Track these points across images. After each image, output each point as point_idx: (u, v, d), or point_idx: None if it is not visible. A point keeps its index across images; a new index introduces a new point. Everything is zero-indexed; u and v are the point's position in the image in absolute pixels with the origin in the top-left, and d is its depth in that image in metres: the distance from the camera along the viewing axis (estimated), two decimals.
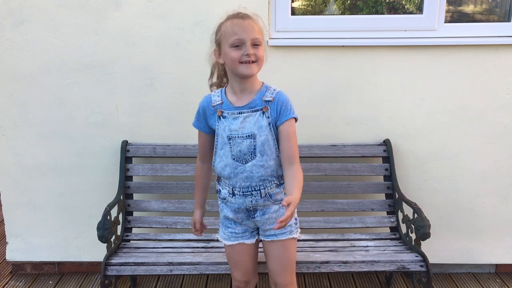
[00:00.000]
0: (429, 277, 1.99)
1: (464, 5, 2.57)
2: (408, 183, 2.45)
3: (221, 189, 1.69)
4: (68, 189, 2.47)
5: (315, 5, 2.80)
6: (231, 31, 1.49)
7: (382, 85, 2.35)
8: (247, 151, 1.57)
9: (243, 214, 1.67)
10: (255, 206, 1.64)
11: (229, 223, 1.71)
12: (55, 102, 2.36)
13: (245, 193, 1.62)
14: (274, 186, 1.63)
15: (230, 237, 1.72)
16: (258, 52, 1.51)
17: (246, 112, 1.57)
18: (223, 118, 1.59)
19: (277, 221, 1.42)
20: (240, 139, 1.57)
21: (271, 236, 1.67)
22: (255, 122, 1.56)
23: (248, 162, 1.58)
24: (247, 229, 1.70)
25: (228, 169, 1.61)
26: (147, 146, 2.38)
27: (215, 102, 1.62)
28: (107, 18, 2.26)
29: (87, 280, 2.56)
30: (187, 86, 2.34)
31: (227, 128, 1.58)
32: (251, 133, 1.56)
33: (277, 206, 1.64)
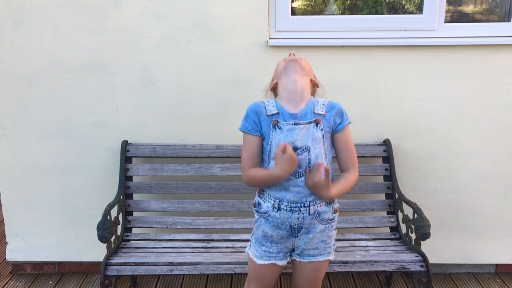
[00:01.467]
0: (429, 277, 1.99)
1: (464, 5, 2.57)
2: (408, 183, 2.45)
3: (262, 202, 1.60)
4: (68, 189, 2.47)
5: (315, 5, 2.80)
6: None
7: (382, 85, 2.35)
8: (301, 164, 1.52)
9: (284, 232, 1.58)
10: (300, 223, 1.56)
11: (265, 241, 1.61)
12: (55, 102, 2.36)
13: (292, 209, 1.54)
14: (324, 205, 1.57)
15: (262, 256, 1.62)
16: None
17: (301, 124, 1.54)
18: (279, 128, 1.55)
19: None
20: (296, 152, 1.52)
21: (308, 257, 1.61)
22: (310, 134, 1.53)
23: (301, 176, 1.53)
24: (282, 249, 1.62)
25: (281, 180, 1.53)
26: (147, 146, 2.38)
27: (270, 112, 1.56)
28: (107, 18, 2.26)
29: (87, 280, 2.56)
30: (187, 86, 2.34)
31: (282, 140, 1.52)
32: (306, 146, 1.53)
33: (323, 226, 1.58)
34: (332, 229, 1.62)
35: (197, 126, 2.40)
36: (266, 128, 1.56)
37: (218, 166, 2.36)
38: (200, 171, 2.36)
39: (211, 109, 2.36)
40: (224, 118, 2.38)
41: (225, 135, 2.37)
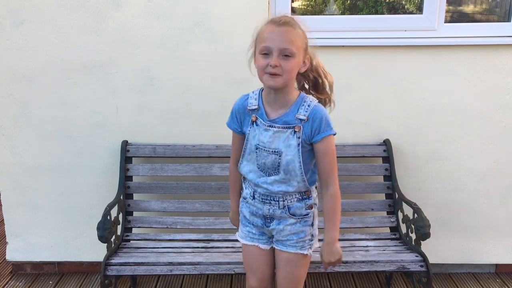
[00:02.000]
0: (429, 277, 1.99)
1: (464, 5, 2.57)
2: (408, 183, 2.45)
3: (244, 188, 1.66)
4: (68, 189, 2.47)
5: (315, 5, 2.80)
6: (262, 37, 1.41)
7: (382, 85, 2.35)
8: (271, 165, 1.52)
9: (259, 220, 1.62)
10: (271, 215, 1.59)
11: (247, 222, 1.67)
12: (55, 102, 2.36)
13: (264, 200, 1.58)
14: (295, 200, 1.57)
15: (246, 236, 1.67)
16: (286, 65, 1.38)
17: (277, 127, 1.49)
18: (256, 125, 1.52)
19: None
20: (266, 153, 1.51)
21: (281, 245, 1.61)
22: (284, 139, 1.49)
23: (271, 176, 1.54)
24: (264, 233, 1.65)
25: (252, 175, 1.57)
26: (147, 146, 2.38)
27: (251, 106, 1.53)
28: (107, 18, 2.26)
29: (87, 280, 2.56)
30: (187, 86, 2.34)
31: (257, 137, 1.52)
32: (278, 149, 1.49)
33: (294, 220, 1.58)
34: (306, 224, 1.59)
35: (197, 126, 2.40)
36: (247, 124, 1.56)
37: (218, 166, 2.36)
38: (200, 171, 2.36)
39: (211, 109, 2.36)
40: (224, 118, 2.35)
41: (225, 135, 2.35)
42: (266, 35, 1.39)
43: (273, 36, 1.38)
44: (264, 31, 1.41)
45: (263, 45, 1.39)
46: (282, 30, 1.38)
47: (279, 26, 1.38)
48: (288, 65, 1.39)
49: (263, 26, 1.43)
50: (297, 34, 1.40)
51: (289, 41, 1.38)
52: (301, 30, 1.42)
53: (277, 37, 1.37)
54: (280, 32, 1.38)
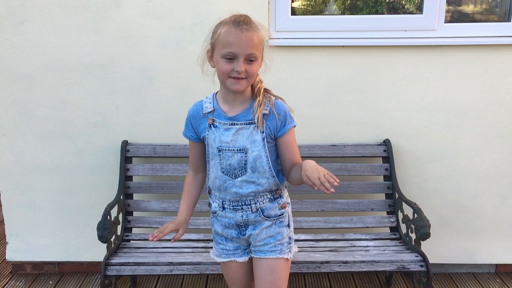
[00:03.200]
0: (429, 277, 1.99)
1: (464, 5, 2.57)
2: (408, 183, 2.45)
3: (211, 202, 1.60)
4: (68, 189, 2.47)
5: (315, 5, 2.80)
6: (226, 41, 1.36)
7: (382, 85, 2.35)
8: (237, 165, 1.47)
9: (233, 230, 1.56)
10: (246, 221, 1.53)
11: (220, 239, 1.60)
12: (55, 102, 2.36)
13: (235, 207, 1.52)
14: (267, 201, 1.52)
15: (221, 254, 1.61)
16: (250, 69, 1.39)
17: (239, 124, 1.46)
18: (214, 127, 1.48)
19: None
20: (230, 153, 1.46)
21: (259, 253, 1.54)
22: (248, 135, 1.45)
23: (237, 177, 1.48)
24: (239, 246, 1.59)
25: (218, 181, 1.52)
26: (147, 146, 2.38)
27: (206, 109, 1.50)
28: (107, 18, 2.26)
29: (87, 280, 2.56)
30: (187, 86, 2.34)
31: (218, 139, 1.47)
32: (243, 147, 1.45)
33: (269, 222, 1.53)
34: (282, 225, 1.55)
35: None
36: (203, 129, 1.51)
37: None
38: None
39: None
40: None
41: None
42: (231, 39, 1.36)
43: (239, 42, 1.35)
44: (227, 34, 1.36)
45: (227, 50, 1.36)
46: (248, 35, 1.36)
47: (244, 31, 1.35)
48: (253, 69, 1.40)
49: (224, 28, 1.38)
50: (259, 38, 1.40)
51: (254, 46, 1.37)
52: (260, 32, 1.41)
53: (243, 43, 1.35)
54: (246, 37, 1.35)
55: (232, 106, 1.48)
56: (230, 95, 1.47)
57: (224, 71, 1.39)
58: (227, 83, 1.41)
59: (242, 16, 1.41)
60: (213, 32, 1.44)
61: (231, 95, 1.47)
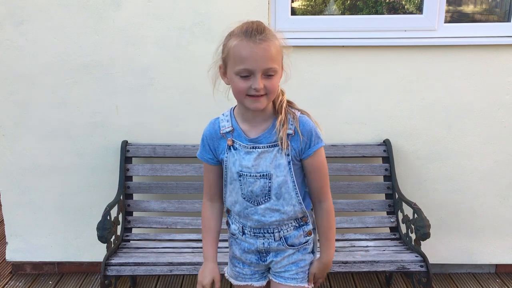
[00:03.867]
0: (429, 277, 1.99)
1: (464, 5, 2.57)
2: (408, 183, 2.45)
3: (230, 223, 1.46)
4: (68, 189, 2.47)
5: (315, 5, 2.80)
6: (239, 56, 1.19)
7: (382, 85, 2.35)
8: (260, 192, 1.33)
9: (253, 256, 1.43)
10: (267, 249, 1.41)
11: (237, 263, 1.48)
12: (55, 102, 2.36)
13: (256, 234, 1.39)
14: (292, 229, 1.39)
15: (237, 277, 1.49)
16: (270, 84, 1.22)
17: (261, 147, 1.30)
18: (234, 149, 1.33)
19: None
20: (252, 179, 1.32)
21: (279, 278, 1.43)
22: (272, 159, 1.30)
23: (260, 205, 1.34)
24: (257, 271, 1.47)
25: (238, 206, 1.38)
26: (147, 146, 2.38)
27: (224, 129, 1.34)
28: (107, 18, 2.26)
29: (87, 280, 2.56)
30: (187, 86, 2.34)
31: (238, 163, 1.32)
32: (267, 172, 1.31)
33: (292, 250, 1.41)
34: (306, 252, 1.43)
35: (197, 126, 2.38)
36: (222, 151, 1.35)
37: None
38: (200, 171, 2.36)
39: (211, 109, 2.35)
40: None
41: None
42: (244, 54, 1.19)
43: (254, 57, 1.18)
44: (239, 48, 1.20)
45: (241, 67, 1.20)
46: (263, 47, 1.19)
47: (258, 44, 1.18)
48: (273, 83, 1.23)
49: (235, 41, 1.21)
50: (276, 47, 1.23)
51: (271, 58, 1.20)
52: (277, 40, 1.24)
53: (258, 57, 1.19)
54: (262, 50, 1.19)
55: (252, 125, 1.32)
56: (249, 114, 1.31)
57: (241, 90, 1.23)
58: (245, 102, 1.25)
59: (254, 23, 1.23)
60: (223, 45, 1.27)
61: (250, 113, 1.30)
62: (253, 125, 1.33)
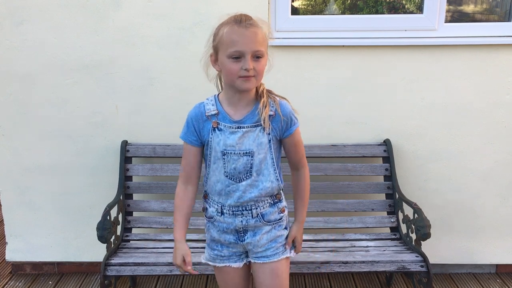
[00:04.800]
0: (429, 277, 1.99)
1: (464, 5, 2.57)
2: (408, 183, 2.45)
3: (208, 207, 1.55)
4: (68, 189, 2.47)
5: (315, 5, 2.80)
6: (230, 40, 1.34)
7: (382, 85, 2.35)
8: (242, 169, 1.44)
9: (231, 236, 1.52)
10: (245, 227, 1.50)
11: (215, 245, 1.56)
12: (55, 102, 2.36)
13: (235, 213, 1.49)
14: (268, 206, 1.51)
15: (215, 259, 1.57)
16: (258, 66, 1.36)
17: (245, 127, 1.43)
18: (219, 130, 1.44)
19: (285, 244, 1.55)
20: (236, 156, 1.43)
21: (262, 258, 1.53)
22: (254, 138, 1.43)
23: (242, 181, 1.46)
24: (235, 252, 1.56)
25: (220, 185, 1.48)
26: (147, 146, 2.38)
27: (209, 112, 1.46)
28: (107, 18, 2.26)
29: (86, 280, 2.56)
30: (187, 86, 2.34)
31: (222, 143, 1.44)
32: (249, 150, 1.43)
33: (269, 227, 1.52)
34: (281, 228, 1.55)
35: None
36: (206, 132, 1.46)
37: None
38: None
39: None
40: None
41: None
42: (235, 38, 1.33)
43: (244, 39, 1.33)
44: (231, 33, 1.34)
45: (233, 49, 1.33)
46: (252, 32, 1.34)
47: (247, 28, 1.34)
48: (260, 66, 1.37)
49: (226, 28, 1.36)
50: (263, 34, 1.37)
51: (259, 42, 1.35)
52: (264, 29, 1.39)
53: (248, 40, 1.33)
54: (251, 34, 1.33)
55: (237, 108, 1.45)
56: (236, 97, 1.43)
57: (233, 71, 1.35)
58: (237, 83, 1.37)
59: (243, 14, 1.39)
60: (215, 34, 1.41)
61: (236, 96, 1.43)
62: (237, 108, 1.45)
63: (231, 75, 1.37)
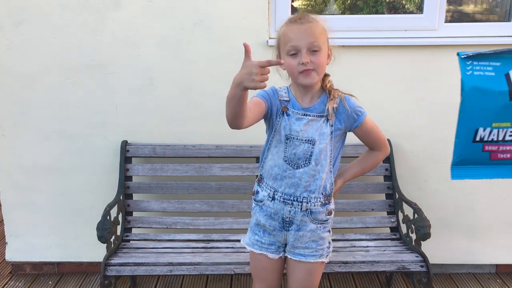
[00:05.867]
0: (429, 277, 1.99)
1: (464, 5, 2.57)
2: (408, 183, 2.45)
3: (259, 191, 1.58)
4: (68, 189, 2.47)
5: (315, 5, 2.80)
6: (287, 38, 1.41)
7: (382, 85, 2.35)
8: (302, 156, 1.48)
9: (277, 223, 1.55)
10: (292, 217, 1.53)
11: (258, 230, 1.59)
12: (55, 102, 2.36)
13: (285, 201, 1.52)
14: (319, 205, 1.53)
15: (254, 244, 1.60)
16: (316, 59, 1.41)
17: (311, 115, 1.48)
18: (287, 115, 1.49)
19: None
20: (298, 142, 1.48)
21: (299, 256, 1.57)
22: (318, 128, 1.48)
23: (299, 168, 1.49)
24: (275, 242, 1.59)
25: (277, 169, 1.52)
26: (147, 146, 2.37)
27: (282, 97, 1.51)
28: (107, 18, 2.26)
29: (86, 280, 2.56)
30: (187, 86, 2.34)
31: (288, 127, 1.48)
32: (311, 138, 1.48)
33: (314, 226, 1.54)
34: (325, 230, 1.57)
35: (197, 126, 2.40)
36: (275, 111, 1.50)
37: (218, 166, 2.35)
38: (200, 171, 2.36)
39: (211, 109, 2.36)
40: (224, 118, 2.33)
41: (225, 135, 2.37)
42: (291, 35, 1.41)
43: (298, 35, 1.40)
44: (287, 32, 1.42)
45: (290, 45, 1.41)
46: (306, 27, 1.40)
47: (302, 24, 1.41)
48: (318, 59, 1.42)
49: (284, 28, 1.45)
50: (319, 27, 1.43)
51: (314, 36, 1.40)
52: (320, 24, 1.44)
53: (302, 35, 1.39)
54: (305, 29, 1.40)
55: (303, 100, 1.51)
56: (301, 90, 1.50)
57: (292, 67, 1.42)
58: (299, 80, 1.44)
59: (300, 13, 1.46)
60: (277, 37, 1.49)
61: (302, 90, 1.50)
62: (304, 100, 1.51)
63: (292, 72, 1.44)
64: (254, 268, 1.65)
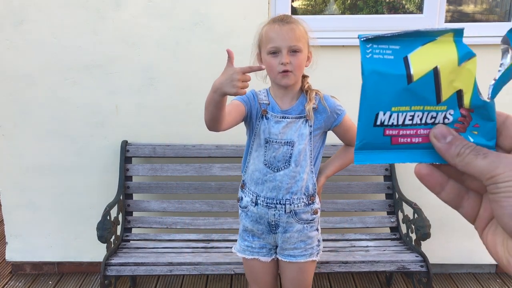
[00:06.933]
0: (429, 277, 1.99)
1: (464, 5, 2.57)
2: (408, 183, 2.44)
3: (243, 197, 1.60)
4: (68, 189, 2.47)
5: (315, 5, 2.80)
6: (268, 37, 1.43)
7: None
8: (281, 158, 1.49)
9: (263, 226, 1.56)
10: (277, 220, 1.54)
11: (247, 236, 1.61)
12: (55, 102, 2.36)
13: (268, 205, 1.53)
14: (302, 205, 1.54)
15: (245, 250, 1.62)
16: (295, 60, 1.42)
17: (290, 117, 1.49)
18: (266, 119, 1.50)
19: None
20: (277, 145, 1.49)
21: (289, 257, 1.58)
22: (296, 129, 1.49)
23: (279, 171, 1.50)
24: (265, 245, 1.60)
25: (257, 174, 1.53)
26: (147, 146, 2.37)
27: (261, 100, 1.52)
28: (107, 18, 2.26)
29: (86, 280, 2.56)
30: (187, 86, 2.34)
31: (267, 131, 1.50)
32: (290, 140, 1.48)
33: (300, 226, 1.55)
34: (312, 229, 1.58)
35: (197, 126, 2.39)
36: (254, 114, 1.52)
37: (218, 166, 2.35)
38: (200, 171, 2.36)
39: None
40: None
41: (225, 135, 2.35)
42: (272, 34, 1.42)
43: (280, 35, 1.41)
44: (269, 31, 1.43)
45: (271, 45, 1.42)
46: (288, 28, 1.41)
47: (284, 25, 1.42)
48: (298, 60, 1.43)
49: (266, 27, 1.45)
50: (300, 30, 1.44)
51: (295, 37, 1.41)
52: (302, 26, 1.46)
53: (284, 35, 1.40)
54: (286, 30, 1.41)
55: (283, 101, 1.52)
56: (281, 91, 1.51)
57: (272, 66, 1.43)
58: (277, 79, 1.45)
59: (282, 14, 1.49)
60: (258, 34, 1.50)
61: (281, 91, 1.51)
62: (283, 101, 1.52)
63: (272, 71, 1.45)
64: (249, 273, 1.68)
